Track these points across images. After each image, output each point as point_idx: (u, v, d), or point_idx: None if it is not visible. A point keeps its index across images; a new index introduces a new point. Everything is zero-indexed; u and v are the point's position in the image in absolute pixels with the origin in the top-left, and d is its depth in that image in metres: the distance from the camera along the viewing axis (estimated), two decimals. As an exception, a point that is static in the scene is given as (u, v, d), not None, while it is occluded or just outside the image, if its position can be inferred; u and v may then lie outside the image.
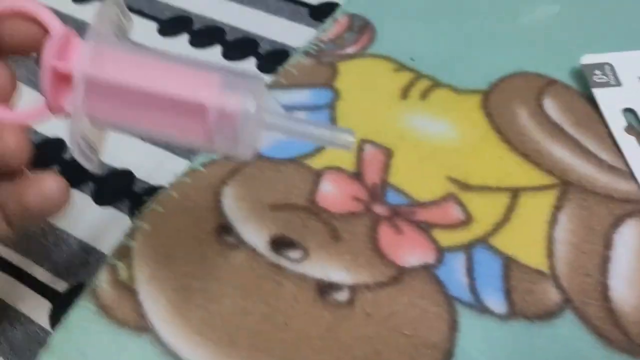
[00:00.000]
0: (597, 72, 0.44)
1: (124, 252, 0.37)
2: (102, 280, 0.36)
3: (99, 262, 0.37)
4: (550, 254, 0.36)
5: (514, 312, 0.34)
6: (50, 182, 0.27)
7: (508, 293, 0.35)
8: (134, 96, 0.25)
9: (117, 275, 0.36)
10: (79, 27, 0.53)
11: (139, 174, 0.42)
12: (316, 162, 0.41)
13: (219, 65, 0.26)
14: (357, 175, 0.40)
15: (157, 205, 0.39)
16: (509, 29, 0.49)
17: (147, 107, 0.25)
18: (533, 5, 0.51)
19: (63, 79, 0.25)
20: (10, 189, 0.28)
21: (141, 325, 0.34)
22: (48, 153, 0.44)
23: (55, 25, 0.26)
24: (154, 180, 0.42)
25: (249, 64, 0.48)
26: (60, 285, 0.37)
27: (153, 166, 0.42)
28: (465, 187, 0.39)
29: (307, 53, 0.48)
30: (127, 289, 0.35)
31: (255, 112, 0.25)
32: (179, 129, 0.26)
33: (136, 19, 0.52)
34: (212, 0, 0.54)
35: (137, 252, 0.37)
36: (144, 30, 0.52)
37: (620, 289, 0.35)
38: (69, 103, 0.25)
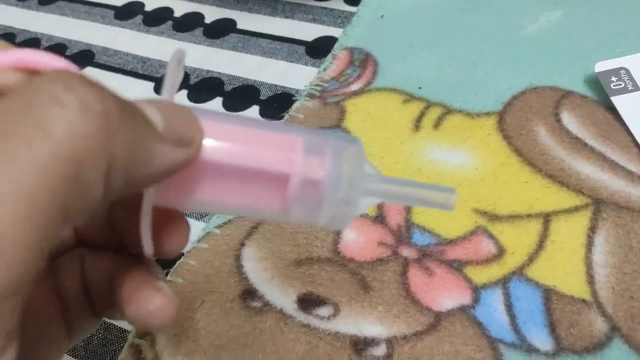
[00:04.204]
0: (613, 78, 0.42)
1: (147, 330, 0.35)
2: (128, 363, 0.34)
3: (119, 341, 0.36)
4: (590, 279, 0.34)
5: (561, 348, 0.32)
6: (157, 301, 0.22)
7: (552, 328, 0.33)
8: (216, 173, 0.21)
9: (141, 355, 0.34)
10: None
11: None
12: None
13: (302, 128, 0.22)
14: (380, 219, 0.38)
15: (176, 277, 0.37)
16: (515, 42, 0.48)
17: (223, 181, 0.21)
18: (535, 13, 0.49)
19: None
20: (110, 290, 0.24)
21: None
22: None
23: None
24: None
25: (253, 112, 0.46)
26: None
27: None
28: (494, 217, 0.37)
29: (311, 95, 0.46)
30: (155, 370, 0.34)
31: (347, 177, 0.22)
32: (254, 200, 0.22)
33: (130, 80, 0.51)
34: (206, 50, 0.53)
35: (161, 328, 0.35)
36: (141, 91, 0.50)
37: (671, 311, 0.33)
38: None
